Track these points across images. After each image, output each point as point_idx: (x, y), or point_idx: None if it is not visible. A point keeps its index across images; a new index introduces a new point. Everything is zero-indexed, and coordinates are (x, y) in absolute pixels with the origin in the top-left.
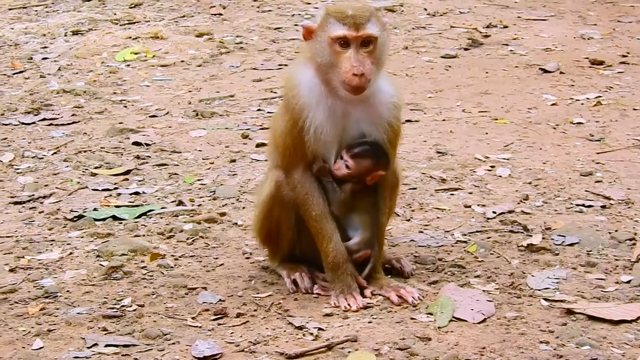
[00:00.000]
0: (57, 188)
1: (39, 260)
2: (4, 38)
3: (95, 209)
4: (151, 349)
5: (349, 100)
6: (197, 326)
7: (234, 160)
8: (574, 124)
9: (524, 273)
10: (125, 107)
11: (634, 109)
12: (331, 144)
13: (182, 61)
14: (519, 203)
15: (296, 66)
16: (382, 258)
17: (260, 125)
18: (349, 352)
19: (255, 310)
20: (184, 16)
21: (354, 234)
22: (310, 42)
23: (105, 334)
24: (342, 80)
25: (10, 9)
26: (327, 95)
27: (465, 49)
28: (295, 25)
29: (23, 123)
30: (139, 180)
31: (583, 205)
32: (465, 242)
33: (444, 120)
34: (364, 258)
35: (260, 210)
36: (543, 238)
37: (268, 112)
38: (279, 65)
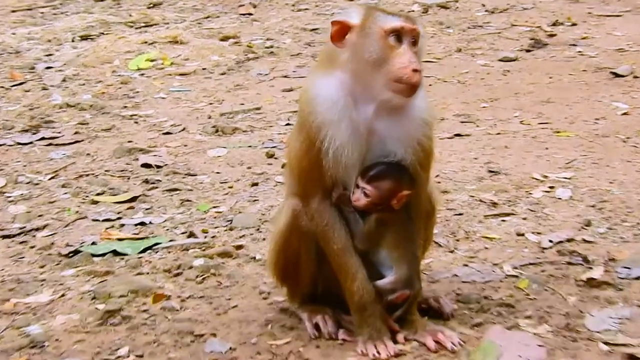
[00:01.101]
0: (52, 219)
1: (27, 303)
2: (4, 45)
3: (93, 243)
4: None
5: (376, 115)
6: None
7: (256, 184)
8: None
9: (582, 312)
10: (136, 123)
11: None
12: (353, 168)
13: (203, 69)
14: (580, 230)
15: (313, 77)
16: (418, 298)
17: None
18: None
19: None
20: (208, 17)
21: (387, 271)
22: (348, 41)
23: None
24: (399, 77)
25: (13, 11)
26: (352, 109)
27: (527, 51)
28: None
29: (19, 143)
30: (146, 209)
31: None
32: (515, 276)
33: (498, 133)
34: (402, 300)
35: (276, 243)
36: (606, 271)
37: None
38: (312, 72)
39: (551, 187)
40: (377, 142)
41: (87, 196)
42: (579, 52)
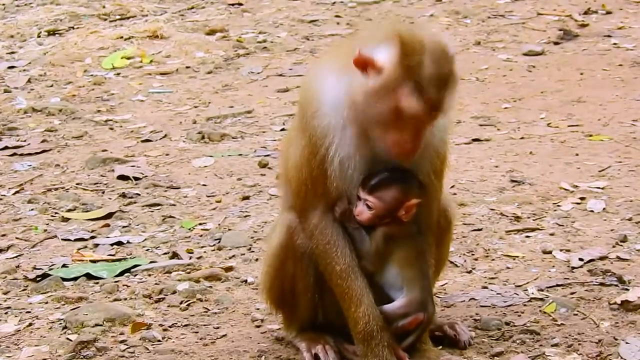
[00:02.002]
0: (17, 238)
1: None
2: None
3: (64, 265)
4: None
5: None
6: None
7: (247, 197)
8: None
9: (616, 339)
10: (112, 129)
11: None
12: (360, 178)
13: (187, 67)
14: (614, 246)
15: (320, 71)
16: (431, 323)
17: None
18: None
19: None
20: (192, 7)
21: (396, 294)
22: (370, 75)
23: None
24: (389, 149)
25: None
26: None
27: (555, 43)
28: (337, 16)
29: None
30: (124, 226)
31: None
32: (541, 299)
33: (522, 138)
34: (415, 325)
35: (270, 265)
36: None
37: None
38: (315, 66)
39: (582, 199)
40: None
41: (56, 213)
42: (614, 44)
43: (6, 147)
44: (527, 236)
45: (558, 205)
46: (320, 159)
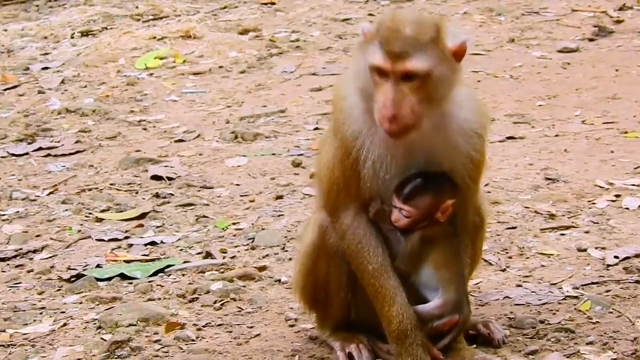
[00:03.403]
0: (51, 239)
1: (24, 334)
2: None
3: (98, 266)
4: None
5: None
6: None
7: (280, 197)
8: None
9: None
10: (145, 129)
11: None
12: (392, 181)
13: (220, 67)
14: None
15: (350, 75)
16: (466, 324)
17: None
18: None
19: None
20: (225, 7)
21: (431, 294)
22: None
23: None
24: (377, 119)
25: (4, 4)
26: None
27: (590, 40)
28: (370, 15)
29: (13, 154)
30: (157, 227)
31: None
32: (576, 297)
33: (557, 135)
34: (450, 326)
35: (302, 264)
36: None
37: None
38: (346, 68)
39: (617, 196)
40: (420, 155)
41: (90, 213)
42: None
43: (40, 148)
44: (562, 234)
45: (593, 203)
46: (353, 160)
